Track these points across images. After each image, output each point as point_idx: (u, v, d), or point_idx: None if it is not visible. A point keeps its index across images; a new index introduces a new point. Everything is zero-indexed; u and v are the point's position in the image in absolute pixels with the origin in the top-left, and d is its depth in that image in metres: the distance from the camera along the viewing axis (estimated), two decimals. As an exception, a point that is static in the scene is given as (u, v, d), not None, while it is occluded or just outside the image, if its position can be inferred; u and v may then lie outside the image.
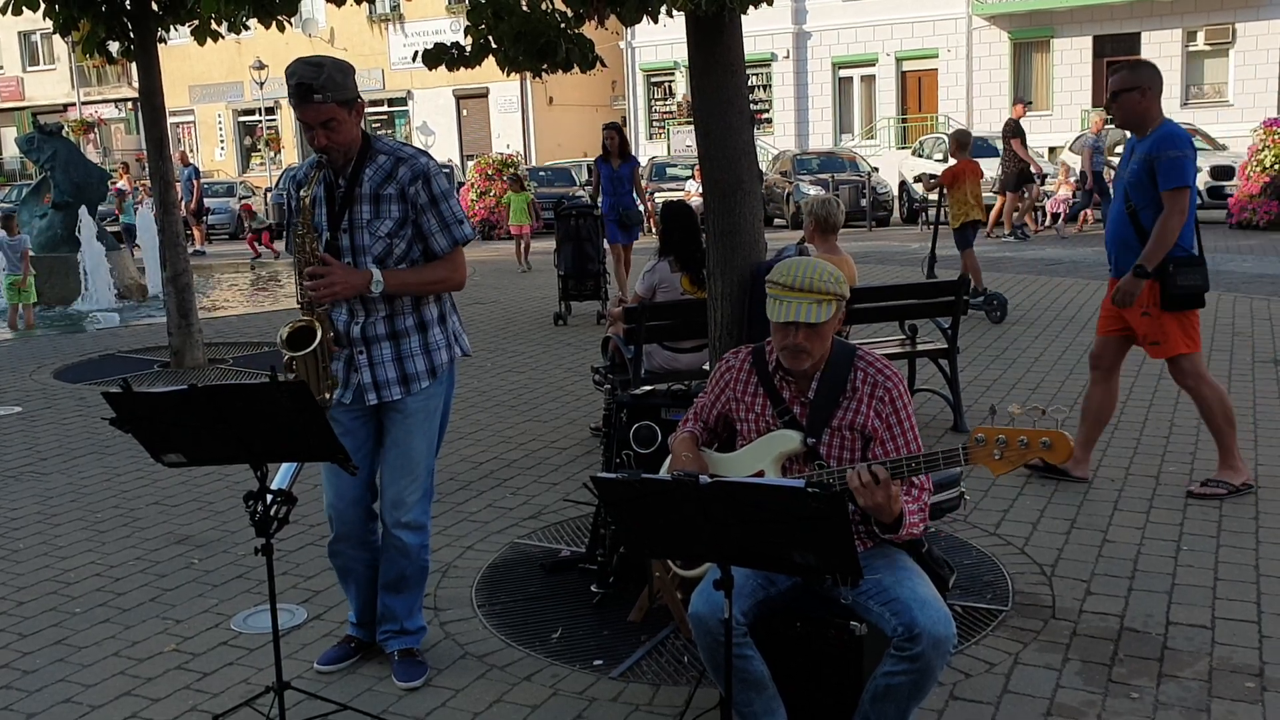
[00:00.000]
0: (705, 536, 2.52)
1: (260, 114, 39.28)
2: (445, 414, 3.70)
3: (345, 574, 3.78)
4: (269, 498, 2.99)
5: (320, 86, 3.24)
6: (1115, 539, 4.62)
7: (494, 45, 4.81)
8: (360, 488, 3.61)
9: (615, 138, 11.41)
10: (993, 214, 17.66)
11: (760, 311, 3.10)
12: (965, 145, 11.24)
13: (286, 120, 39.58)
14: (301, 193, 3.41)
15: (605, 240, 11.41)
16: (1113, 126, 10.75)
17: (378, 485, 3.65)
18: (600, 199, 11.52)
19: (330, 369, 3.45)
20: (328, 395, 3.43)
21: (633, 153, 11.83)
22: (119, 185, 23.67)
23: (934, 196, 12.06)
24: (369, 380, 3.49)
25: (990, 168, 18.76)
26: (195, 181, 21.88)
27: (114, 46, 9.07)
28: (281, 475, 3.32)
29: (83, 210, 13.86)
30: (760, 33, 29.90)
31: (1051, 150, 25.85)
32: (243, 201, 25.24)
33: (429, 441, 3.61)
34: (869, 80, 32.03)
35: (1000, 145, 18.04)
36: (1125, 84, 5.01)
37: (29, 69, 44.58)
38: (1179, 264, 4.98)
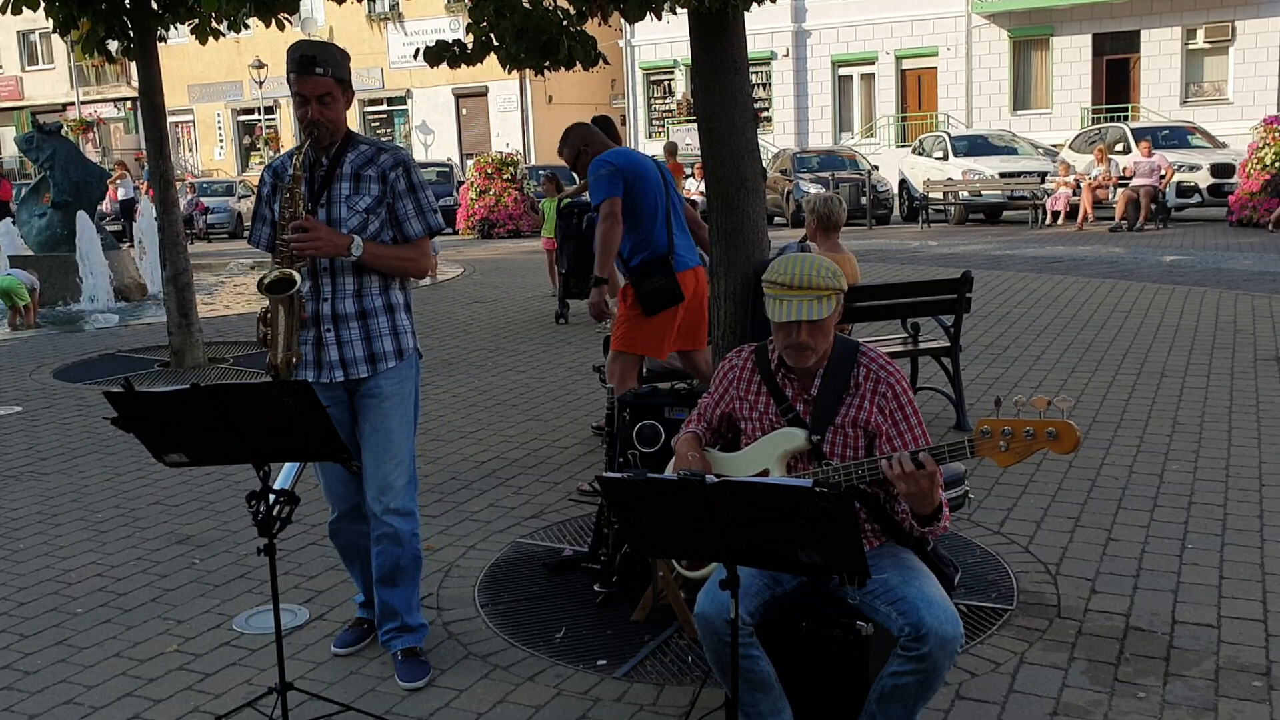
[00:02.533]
0: (711, 536, 2.50)
1: (259, 113, 39.26)
2: (416, 403, 3.74)
3: (348, 551, 3.83)
4: (271, 498, 2.98)
5: (323, 60, 3.42)
6: (1120, 538, 4.61)
7: (495, 42, 4.81)
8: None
9: None
10: None
11: (763, 310, 3.09)
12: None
13: (286, 119, 39.57)
14: (294, 160, 3.52)
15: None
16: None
17: (362, 474, 3.64)
18: None
19: (299, 336, 3.50)
20: (295, 360, 3.47)
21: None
22: (117, 182, 23.67)
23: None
24: (336, 358, 3.56)
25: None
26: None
27: (113, 45, 9.05)
28: (284, 475, 3.31)
29: (81, 214, 13.82)
30: (760, 31, 29.88)
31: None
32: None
33: (407, 423, 3.65)
34: (869, 79, 32.03)
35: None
36: (572, 157, 5.63)
37: (28, 68, 44.55)
38: (640, 269, 5.37)
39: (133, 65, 9.24)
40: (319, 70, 3.40)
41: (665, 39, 31.43)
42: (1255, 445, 5.78)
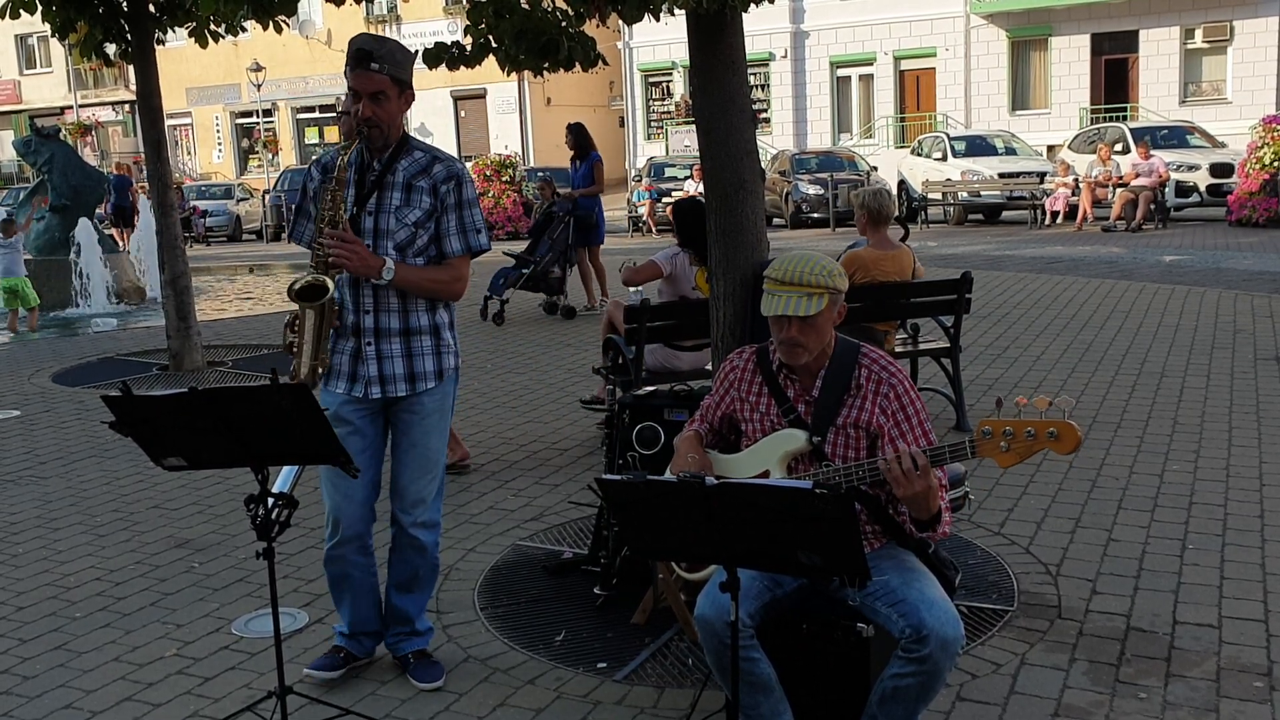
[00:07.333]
0: (711, 538, 2.50)
1: (258, 116, 39.24)
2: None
3: (341, 581, 3.65)
4: (270, 501, 2.97)
5: (380, 56, 3.28)
6: (1120, 538, 4.60)
7: (495, 44, 4.79)
8: (368, 488, 3.57)
9: (569, 139, 11.68)
10: None
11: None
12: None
13: (284, 122, 39.57)
14: (339, 157, 3.38)
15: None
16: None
17: (393, 485, 3.61)
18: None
19: (327, 344, 3.41)
20: (320, 370, 3.39)
21: (590, 149, 11.77)
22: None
23: None
24: (374, 374, 3.47)
25: None
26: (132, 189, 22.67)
27: (111, 49, 9.03)
28: (282, 478, 3.29)
29: (83, 219, 13.81)
30: (758, 32, 29.88)
31: (1050, 148, 25.86)
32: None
33: (443, 439, 3.63)
34: (867, 79, 32.03)
35: None
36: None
37: (26, 72, 44.53)
38: None
39: (130, 69, 9.21)
40: (374, 66, 3.26)
41: (664, 40, 31.41)
42: (1255, 445, 5.77)
